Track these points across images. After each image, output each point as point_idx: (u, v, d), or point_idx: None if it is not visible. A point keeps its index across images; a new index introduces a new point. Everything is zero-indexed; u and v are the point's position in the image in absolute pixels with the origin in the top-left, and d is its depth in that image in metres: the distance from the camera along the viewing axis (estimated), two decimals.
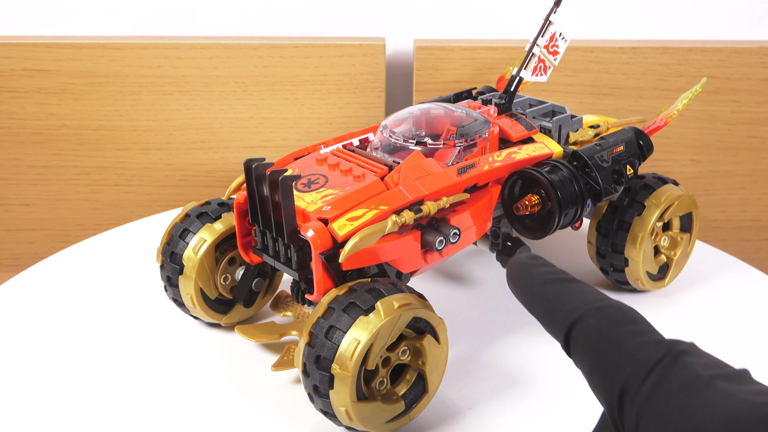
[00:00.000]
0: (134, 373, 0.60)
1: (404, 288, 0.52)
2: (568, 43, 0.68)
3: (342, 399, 0.48)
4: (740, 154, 0.95)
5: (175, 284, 0.61)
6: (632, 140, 0.65)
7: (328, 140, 0.62)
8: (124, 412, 0.56)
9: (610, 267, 0.68)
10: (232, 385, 0.58)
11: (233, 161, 0.94)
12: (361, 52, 0.89)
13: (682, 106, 0.68)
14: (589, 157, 0.61)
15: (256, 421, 0.55)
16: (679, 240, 0.69)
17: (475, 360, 0.61)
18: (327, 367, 0.48)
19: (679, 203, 0.67)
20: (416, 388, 0.53)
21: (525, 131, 0.64)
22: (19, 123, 0.91)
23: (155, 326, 0.65)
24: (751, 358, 0.62)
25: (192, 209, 0.62)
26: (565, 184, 0.59)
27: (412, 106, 0.65)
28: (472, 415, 0.55)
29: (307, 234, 0.51)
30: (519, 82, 0.66)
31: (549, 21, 0.66)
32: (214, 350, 0.62)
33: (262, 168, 0.53)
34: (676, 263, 0.69)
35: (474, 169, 0.58)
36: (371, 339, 0.48)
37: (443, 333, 0.53)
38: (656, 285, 0.69)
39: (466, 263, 0.75)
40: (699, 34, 0.95)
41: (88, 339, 0.64)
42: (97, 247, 0.79)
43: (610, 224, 0.66)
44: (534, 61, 0.66)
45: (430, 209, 0.53)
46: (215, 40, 0.89)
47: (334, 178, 0.56)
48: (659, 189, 0.66)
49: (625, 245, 0.65)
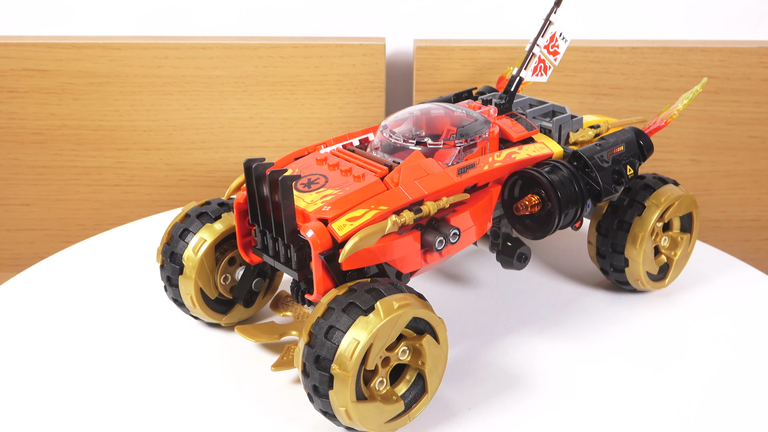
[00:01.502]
0: (134, 373, 0.60)
1: (404, 288, 0.52)
2: (568, 43, 0.68)
3: (342, 399, 0.48)
4: (740, 154, 0.95)
5: (175, 284, 0.61)
6: (632, 140, 0.65)
7: (328, 140, 0.62)
8: (124, 412, 0.56)
9: (610, 267, 0.68)
10: (232, 385, 0.58)
11: (233, 161, 0.94)
12: (361, 52, 0.89)
13: (683, 106, 0.68)
14: (589, 157, 0.61)
15: (256, 420, 0.55)
16: (679, 240, 0.69)
17: (475, 360, 0.61)
18: (326, 368, 0.48)
19: (680, 203, 0.67)
20: (416, 389, 0.53)
21: (525, 131, 0.64)
22: (19, 123, 0.91)
23: (155, 326, 0.65)
24: (750, 357, 0.62)
25: (192, 209, 0.62)
26: (565, 185, 0.59)
27: (412, 106, 0.65)
28: (472, 415, 0.55)
29: (307, 234, 0.51)
30: (519, 83, 0.66)
31: (549, 21, 0.66)
32: (214, 350, 0.62)
33: (262, 168, 0.53)
34: (677, 263, 0.69)
35: (474, 170, 0.58)
36: (371, 339, 0.48)
37: (443, 333, 0.53)
38: (656, 285, 0.69)
39: (466, 263, 0.75)
40: (699, 34, 0.95)
41: (88, 339, 0.64)
42: (97, 247, 0.79)
43: (610, 224, 0.66)
44: (534, 61, 0.66)
45: (430, 209, 0.53)
46: (215, 40, 0.89)
47: (334, 178, 0.56)
48: (659, 189, 0.66)
49: (625, 245, 0.65)
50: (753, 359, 0.62)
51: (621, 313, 0.68)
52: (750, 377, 0.60)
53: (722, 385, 0.59)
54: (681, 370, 0.60)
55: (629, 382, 0.59)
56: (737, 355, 0.62)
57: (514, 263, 0.62)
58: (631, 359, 0.62)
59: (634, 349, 0.63)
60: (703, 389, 0.58)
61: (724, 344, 0.64)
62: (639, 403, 0.57)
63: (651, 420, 0.55)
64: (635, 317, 0.67)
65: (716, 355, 0.62)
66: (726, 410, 0.56)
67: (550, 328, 0.65)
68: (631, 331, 0.65)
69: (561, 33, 0.67)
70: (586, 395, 0.58)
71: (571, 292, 0.71)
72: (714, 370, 0.60)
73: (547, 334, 0.65)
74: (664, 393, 0.58)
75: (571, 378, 0.59)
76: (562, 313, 0.68)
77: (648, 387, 0.59)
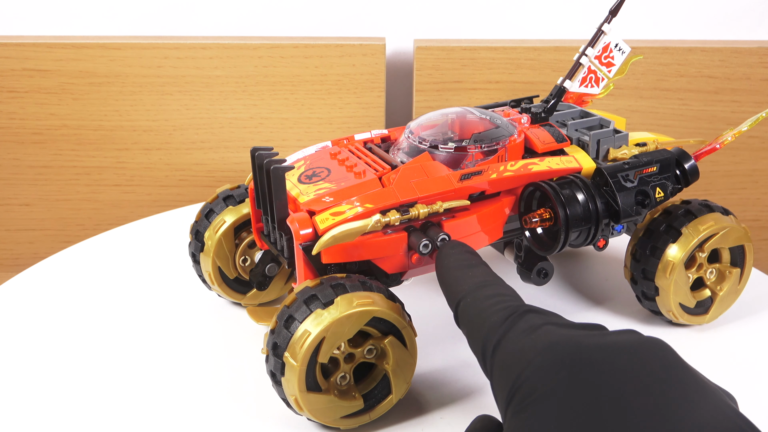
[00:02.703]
0: (134, 373, 0.60)
1: (375, 287, 0.51)
2: (626, 54, 0.64)
3: (291, 387, 0.50)
4: (740, 154, 0.95)
5: (198, 261, 0.64)
6: (670, 162, 0.60)
7: (388, 133, 0.62)
8: (124, 412, 0.56)
9: (642, 294, 0.63)
10: (232, 384, 0.58)
11: (233, 161, 0.94)
12: (361, 52, 0.89)
13: (744, 129, 0.63)
14: (610, 175, 0.57)
15: (256, 420, 0.55)
16: (727, 274, 0.62)
17: (466, 369, 0.60)
18: (280, 355, 0.50)
19: (725, 234, 0.60)
20: (381, 389, 0.53)
21: (554, 143, 0.61)
22: (19, 123, 0.91)
23: (155, 327, 0.65)
24: (749, 354, 0.62)
25: (223, 191, 0.64)
26: (576, 201, 0.55)
27: (447, 108, 0.63)
28: (442, 424, 0.55)
29: (292, 224, 0.52)
30: (562, 93, 0.63)
31: (602, 31, 0.62)
32: (214, 350, 0.62)
33: (263, 157, 0.54)
34: (722, 299, 0.63)
35: (479, 177, 0.56)
36: (322, 333, 0.49)
37: (410, 337, 0.52)
38: (694, 320, 0.63)
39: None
40: (699, 34, 0.95)
41: (88, 339, 0.64)
42: (97, 247, 0.79)
43: (643, 249, 0.61)
44: (583, 71, 0.63)
45: (419, 212, 0.53)
46: (215, 40, 0.89)
47: (337, 172, 0.56)
48: (702, 217, 0.60)
49: (656, 273, 0.61)
50: (751, 356, 0.62)
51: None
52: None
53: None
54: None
55: None
56: (735, 352, 0.62)
57: (532, 277, 0.60)
58: None
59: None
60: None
61: (723, 343, 0.63)
62: None
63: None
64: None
65: (712, 347, 0.62)
66: None
67: None
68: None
69: (617, 44, 0.63)
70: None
71: (594, 312, 0.66)
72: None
73: None
74: None
75: None
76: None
77: None
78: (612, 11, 0.62)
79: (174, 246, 0.76)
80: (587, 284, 0.71)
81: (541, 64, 0.90)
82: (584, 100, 0.68)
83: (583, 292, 0.69)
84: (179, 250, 0.75)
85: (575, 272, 0.72)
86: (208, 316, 0.66)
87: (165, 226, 0.81)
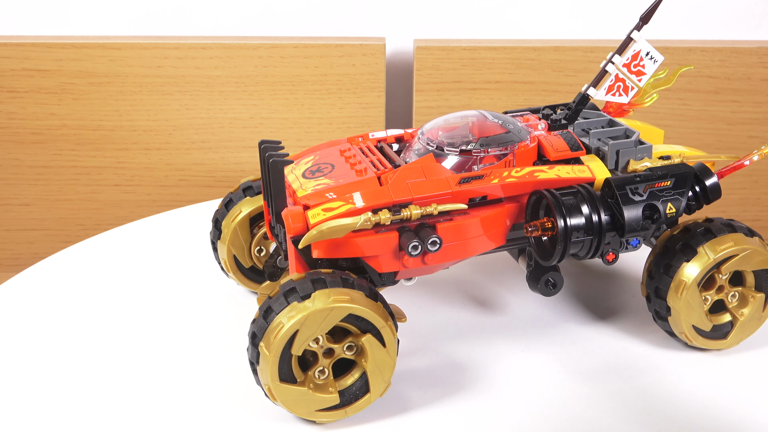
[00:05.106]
0: (134, 373, 0.60)
1: (356, 284, 0.51)
2: (658, 64, 0.61)
3: (264, 377, 0.51)
4: (740, 154, 0.94)
5: (216, 248, 0.66)
6: (686, 177, 0.57)
7: (403, 133, 0.62)
8: (124, 412, 0.56)
9: (656, 313, 0.60)
10: (232, 385, 0.58)
11: (233, 161, 0.94)
12: (361, 52, 0.89)
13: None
14: (618, 187, 0.55)
15: (255, 420, 0.55)
16: (750, 299, 0.60)
17: (455, 371, 0.59)
18: (257, 344, 0.51)
19: (746, 257, 0.57)
20: (359, 386, 0.53)
21: (567, 151, 0.58)
22: (19, 123, 0.91)
23: (155, 327, 0.65)
24: (747, 356, 0.62)
25: (245, 182, 0.66)
26: (578, 211, 0.54)
27: (465, 110, 0.62)
28: (426, 425, 0.54)
29: (285, 217, 0.53)
30: (585, 100, 0.61)
31: (631, 38, 0.60)
32: (214, 351, 0.62)
33: (267, 150, 0.55)
34: (742, 325, 0.60)
35: (479, 181, 0.55)
36: (296, 325, 0.49)
37: (389, 337, 0.52)
38: (711, 344, 0.60)
39: (503, 280, 0.69)
40: (699, 34, 0.95)
41: (89, 339, 0.64)
42: (97, 247, 0.79)
43: (658, 266, 0.59)
44: (609, 79, 0.60)
45: (411, 213, 0.53)
46: (215, 40, 0.89)
47: (340, 169, 0.56)
48: (721, 236, 0.57)
49: (668, 292, 0.58)
50: (749, 359, 0.61)
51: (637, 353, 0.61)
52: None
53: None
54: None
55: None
56: (732, 352, 0.62)
57: (539, 287, 0.58)
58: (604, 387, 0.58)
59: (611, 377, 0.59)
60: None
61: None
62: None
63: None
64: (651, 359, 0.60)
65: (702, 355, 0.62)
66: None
67: (562, 363, 0.60)
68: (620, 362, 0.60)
69: (649, 52, 0.61)
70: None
71: (611, 329, 0.64)
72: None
73: (562, 373, 0.59)
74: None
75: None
76: (586, 353, 0.61)
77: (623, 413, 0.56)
78: (643, 18, 0.60)
79: (174, 246, 0.76)
80: (607, 297, 0.68)
81: (541, 64, 0.90)
82: (624, 109, 0.65)
83: (602, 306, 0.67)
84: (179, 250, 0.75)
85: (595, 284, 0.70)
86: (209, 316, 0.66)
87: (165, 226, 0.81)
